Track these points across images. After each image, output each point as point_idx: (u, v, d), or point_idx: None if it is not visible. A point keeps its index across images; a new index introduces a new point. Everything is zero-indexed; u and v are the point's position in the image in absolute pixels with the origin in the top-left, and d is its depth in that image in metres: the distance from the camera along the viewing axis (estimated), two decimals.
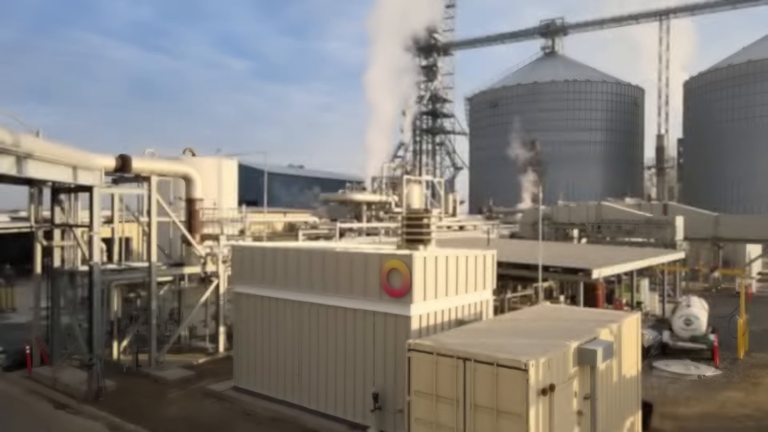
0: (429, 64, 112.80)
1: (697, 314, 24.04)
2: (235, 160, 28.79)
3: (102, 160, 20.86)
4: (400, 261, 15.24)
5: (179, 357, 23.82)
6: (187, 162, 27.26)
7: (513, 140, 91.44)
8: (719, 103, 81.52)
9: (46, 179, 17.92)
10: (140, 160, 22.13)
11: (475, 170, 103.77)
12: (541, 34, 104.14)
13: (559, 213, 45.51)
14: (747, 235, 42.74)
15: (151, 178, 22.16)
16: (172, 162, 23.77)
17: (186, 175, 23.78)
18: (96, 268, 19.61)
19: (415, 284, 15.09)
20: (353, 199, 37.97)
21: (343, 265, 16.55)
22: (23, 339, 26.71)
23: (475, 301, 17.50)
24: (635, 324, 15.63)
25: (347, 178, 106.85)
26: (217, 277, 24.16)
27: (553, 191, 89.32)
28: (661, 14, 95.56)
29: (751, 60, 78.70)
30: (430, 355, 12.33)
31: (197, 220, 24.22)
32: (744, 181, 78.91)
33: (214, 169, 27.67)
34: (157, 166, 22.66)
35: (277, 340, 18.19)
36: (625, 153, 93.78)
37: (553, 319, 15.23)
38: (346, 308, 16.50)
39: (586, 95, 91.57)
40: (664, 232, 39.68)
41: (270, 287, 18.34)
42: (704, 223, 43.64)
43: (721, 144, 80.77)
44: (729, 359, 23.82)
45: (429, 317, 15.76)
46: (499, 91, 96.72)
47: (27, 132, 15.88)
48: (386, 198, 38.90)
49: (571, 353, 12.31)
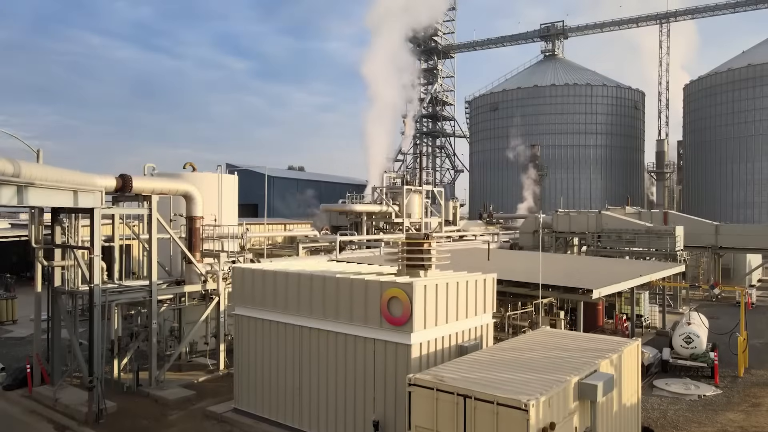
0: (429, 67, 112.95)
1: (698, 332, 24.05)
2: (235, 175, 28.78)
3: (102, 180, 20.83)
4: (400, 290, 15.24)
5: (179, 375, 23.82)
6: (188, 178, 27.24)
7: (513, 144, 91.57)
8: (719, 107, 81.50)
9: (47, 206, 17.89)
10: (140, 179, 22.12)
11: (475, 173, 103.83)
12: (541, 38, 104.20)
13: (560, 222, 45.49)
14: (747, 245, 42.75)
15: (151, 197, 22.15)
16: (172, 180, 23.74)
17: (186, 193, 23.77)
18: (96, 290, 19.62)
19: (415, 313, 15.09)
20: (353, 210, 37.96)
21: (344, 291, 16.55)
22: (24, 355, 26.81)
23: (475, 325, 17.52)
24: (635, 352, 15.65)
25: (347, 181, 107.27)
26: (218, 294, 24.17)
27: (554, 195, 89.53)
28: (661, 18, 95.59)
29: (751, 64, 78.66)
30: (430, 390, 12.35)
31: (198, 237, 24.22)
32: (744, 185, 78.93)
33: (215, 185, 27.64)
34: (158, 185, 22.65)
35: (278, 364, 18.20)
36: (625, 156, 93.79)
37: (552, 348, 15.23)
38: (347, 334, 16.50)
39: (586, 99, 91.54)
40: (665, 242, 39.70)
41: (270, 310, 18.35)
42: (704, 232, 43.63)
43: (721, 148, 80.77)
44: (729, 377, 23.83)
45: (430, 344, 15.77)
46: (500, 94, 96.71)
47: (29, 144, 15.88)
48: (386, 208, 38.87)
49: (571, 389, 12.33)
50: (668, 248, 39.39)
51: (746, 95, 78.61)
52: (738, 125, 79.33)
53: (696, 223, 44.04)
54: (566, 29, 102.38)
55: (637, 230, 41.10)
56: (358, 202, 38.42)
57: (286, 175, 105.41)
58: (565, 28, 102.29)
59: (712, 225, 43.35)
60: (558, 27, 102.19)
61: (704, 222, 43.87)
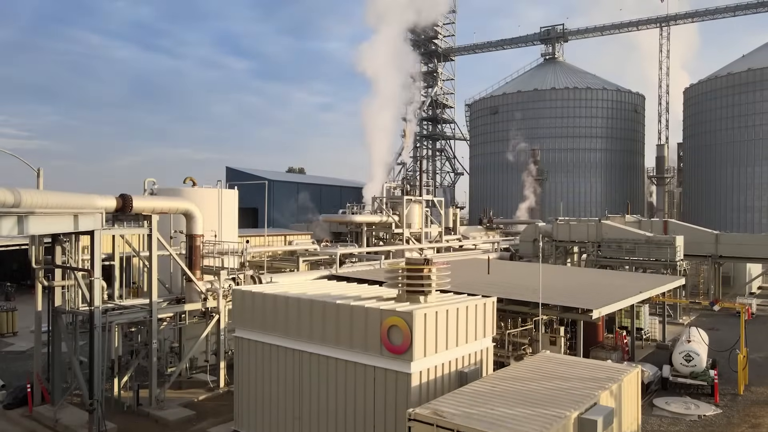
0: (429, 69, 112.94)
1: (698, 350, 24.05)
2: (236, 189, 28.79)
3: (102, 201, 20.81)
4: (400, 318, 15.26)
5: (180, 393, 23.85)
6: (188, 194, 27.27)
7: (513, 147, 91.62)
8: (719, 111, 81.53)
9: (48, 233, 17.89)
10: (141, 199, 22.11)
11: (475, 176, 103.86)
12: (541, 41, 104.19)
13: (560, 231, 45.51)
14: (747, 254, 42.78)
15: (151, 217, 22.17)
16: (172, 199, 23.75)
17: (186, 212, 23.77)
18: (96, 313, 19.65)
19: (415, 342, 15.11)
20: (353, 221, 37.98)
21: (344, 317, 16.57)
22: (24, 371, 26.84)
23: (475, 350, 17.53)
24: (635, 380, 15.67)
25: (348, 184, 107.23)
26: (218, 312, 24.19)
27: (554, 199, 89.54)
28: (661, 21, 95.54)
29: (751, 68, 78.66)
30: (430, 426, 12.36)
31: (198, 255, 24.23)
32: (744, 189, 78.96)
33: (215, 200, 27.66)
34: (158, 204, 22.66)
35: (278, 387, 18.22)
36: (625, 160, 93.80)
37: (552, 377, 15.23)
38: (347, 361, 16.51)
39: (586, 102, 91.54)
40: (665, 252, 39.72)
41: (270, 334, 18.37)
42: (704, 241, 43.66)
43: (721, 151, 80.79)
44: (729, 395, 23.86)
45: (430, 372, 15.79)
46: (500, 97, 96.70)
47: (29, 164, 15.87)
48: (386, 218, 38.86)
49: (571, 425, 12.34)
50: (668, 258, 39.39)
51: (746, 99, 78.61)
52: (738, 129, 79.36)
53: (696, 232, 44.06)
54: (566, 32, 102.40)
55: (637, 240, 41.11)
56: (359, 212, 38.45)
57: (286, 178, 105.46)
58: (565, 31, 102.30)
59: (712, 234, 43.36)
60: (558, 30, 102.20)
61: (704, 231, 43.89)
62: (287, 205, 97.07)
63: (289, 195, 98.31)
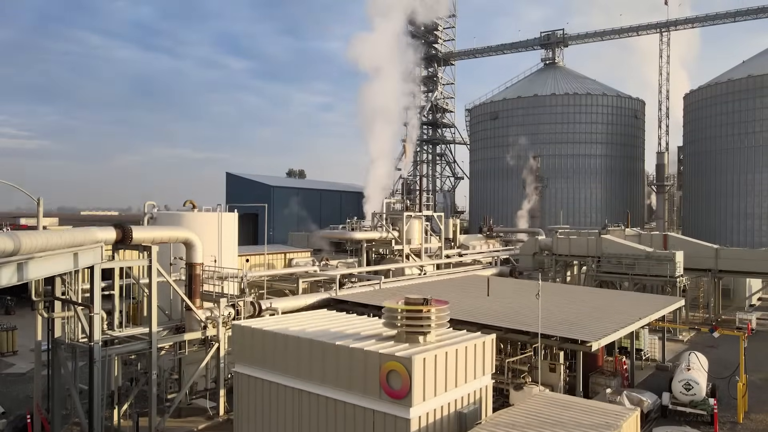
0: (429, 74, 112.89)
1: (697, 379, 24.07)
2: (235, 213, 28.82)
3: (102, 234, 20.83)
4: (399, 363, 15.27)
5: (180, 422, 23.90)
6: (188, 219, 27.28)
7: (513, 153, 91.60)
8: (720, 117, 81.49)
9: (48, 275, 17.89)
10: (140, 230, 22.12)
11: (475, 181, 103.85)
12: (541, 45, 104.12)
13: (560, 245, 45.50)
14: (746, 269, 42.78)
15: (151, 248, 22.18)
16: (171, 229, 23.75)
17: (186, 240, 23.79)
18: (96, 348, 19.66)
19: (414, 387, 15.11)
20: (353, 237, 38.02)
21: (343, 359, 16.56)
22: (25, 395, 26.92)
23: (474, 389, 17.54)
24: (635, 424, 15.68)
25: (347, 189, 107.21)
26: (218, 340, 24.21)
27: (554, 205, 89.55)
28: (661, 26, 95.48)
29: (751, 75, 78.62)
30: None
31: (197, 284, 24.24)
32: (744, 196, 78.92)
33: (215, 225, 27.65)
34: (158, 234, 22.68)
35: (278, 425, 18.23)
36: (625, 165, 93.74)
37: (550, 422, 15.24)
38: (346, 402, 16.52)
39: (586, 108, 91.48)
40: (665, 268, 39.76)
41: (270, 371, 18.38)
42: (704, 255, 43.66)
43: (721, 158, 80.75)
44: (729, 423, 23.88)
45: (429, 416, 15.81)
46: (500, 103, 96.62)
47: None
48: (386, 234, 38.88)
49: None
50: (668, 274, 39.43)
51: (746, 106, 78.57)
52: (738, 136, 79.34)
53: (696, 247, 44.06)
54: (566, 37, 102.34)
55: (637, 255, 41.12)
56: (358, 228, 38.46)
57: (286, 184, 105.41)
58: (565, 36, 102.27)
59: (712, 248, 43.37)
60: (558, 35, 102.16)
61: (704, 245, 43.90)
62: (288, 211, 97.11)
63: (289, 200, 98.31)
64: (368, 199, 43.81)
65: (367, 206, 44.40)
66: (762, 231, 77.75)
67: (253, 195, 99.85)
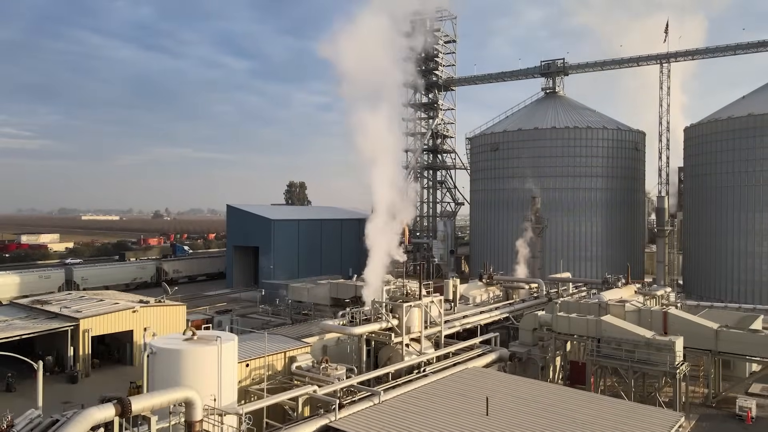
0: (430, 101, 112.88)
1: None
2: (235, 341, 28.95)
3: (100, 413, 21.05)
4: None
5: None
6: (186, 356, 27.30)
7: (513, 187, 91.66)
8: (720, 154, 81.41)
9: None
10: (139, 400, 22.28)
11: (476, 210, 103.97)
12: (541, 74, 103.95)
13: (559, 323, 45.60)
14: (745, 352, 42.97)
15: (151, 419, 22.34)
16: (171, 392, 23.82)
17: (186, 400, 23.92)
18: None
19: None
20: (353, 332, 38.24)
21: None
22: None
23: None
24: None
25: (350, 216, 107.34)
26: None
27: (554, 239, 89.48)
28: (661, 58, 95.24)
29: (751, 114, 78.51)
30: None
31: None
32: (745, 234, 78.80)
33: (214, 358, 27.70)
34: (157, 401, 22.82)
35: None
36: (626, 198, 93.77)
37: None
38: None
39: (586, 141, 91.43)
40: (664, 357, 39.99)
41: None
42: (704, 336, 43.83)
43: (722, 195, 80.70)
44: None
45: None
46: (500, 135, 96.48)
47: None
48: (386, 324, 39.06)
49: None
50: (668, 364, 39.62)
51: (747, 144, 78.49)
52: (739, 174, 79.30)
53: (696, 327, 44.13)
54: (567, 67, 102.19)
55: (636, 342, 41.28)
56: (357, 323, 38.78)
57: (286, 215, 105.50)
58: (565, 65, 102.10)
59: (712, 329, 43.42)
60: (558, 64, 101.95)
61: (704, 326, 43.96)
62: (288, 245, 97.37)
63: (289, 233, 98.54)
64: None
65: (365, 291, 45.05)
66: (763, 270, 77.74)
67: (254, 228, 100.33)
